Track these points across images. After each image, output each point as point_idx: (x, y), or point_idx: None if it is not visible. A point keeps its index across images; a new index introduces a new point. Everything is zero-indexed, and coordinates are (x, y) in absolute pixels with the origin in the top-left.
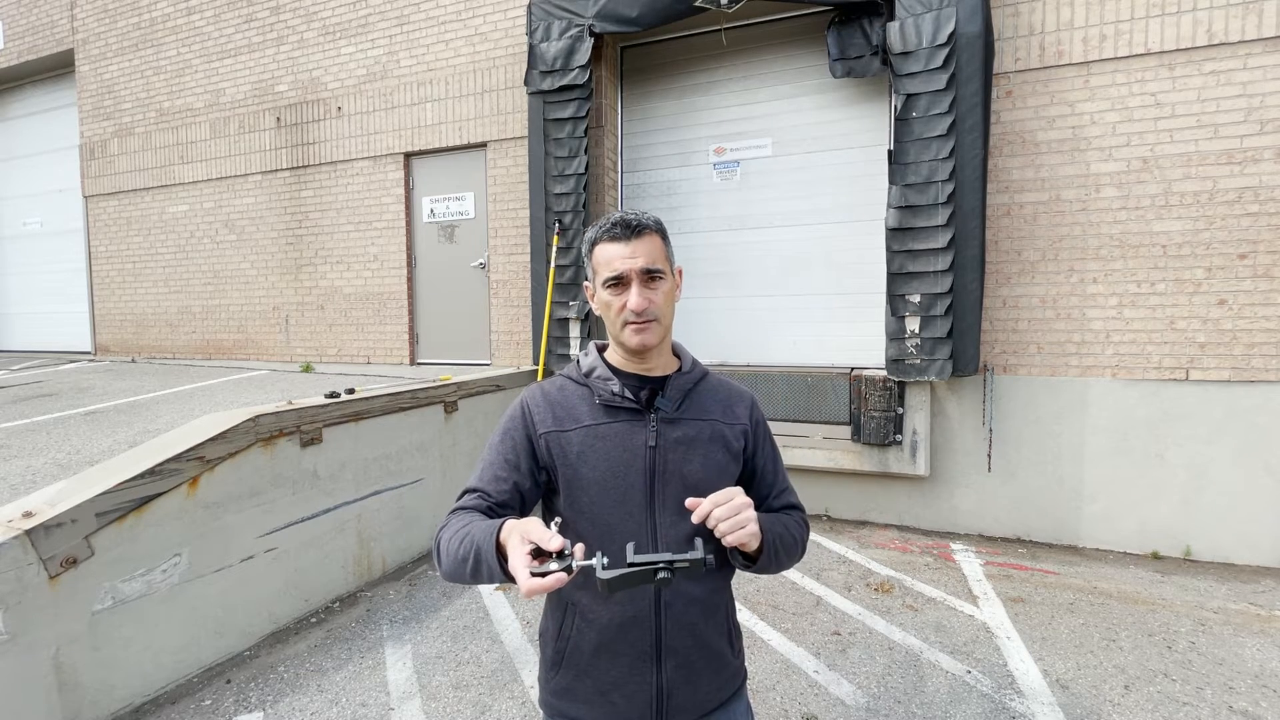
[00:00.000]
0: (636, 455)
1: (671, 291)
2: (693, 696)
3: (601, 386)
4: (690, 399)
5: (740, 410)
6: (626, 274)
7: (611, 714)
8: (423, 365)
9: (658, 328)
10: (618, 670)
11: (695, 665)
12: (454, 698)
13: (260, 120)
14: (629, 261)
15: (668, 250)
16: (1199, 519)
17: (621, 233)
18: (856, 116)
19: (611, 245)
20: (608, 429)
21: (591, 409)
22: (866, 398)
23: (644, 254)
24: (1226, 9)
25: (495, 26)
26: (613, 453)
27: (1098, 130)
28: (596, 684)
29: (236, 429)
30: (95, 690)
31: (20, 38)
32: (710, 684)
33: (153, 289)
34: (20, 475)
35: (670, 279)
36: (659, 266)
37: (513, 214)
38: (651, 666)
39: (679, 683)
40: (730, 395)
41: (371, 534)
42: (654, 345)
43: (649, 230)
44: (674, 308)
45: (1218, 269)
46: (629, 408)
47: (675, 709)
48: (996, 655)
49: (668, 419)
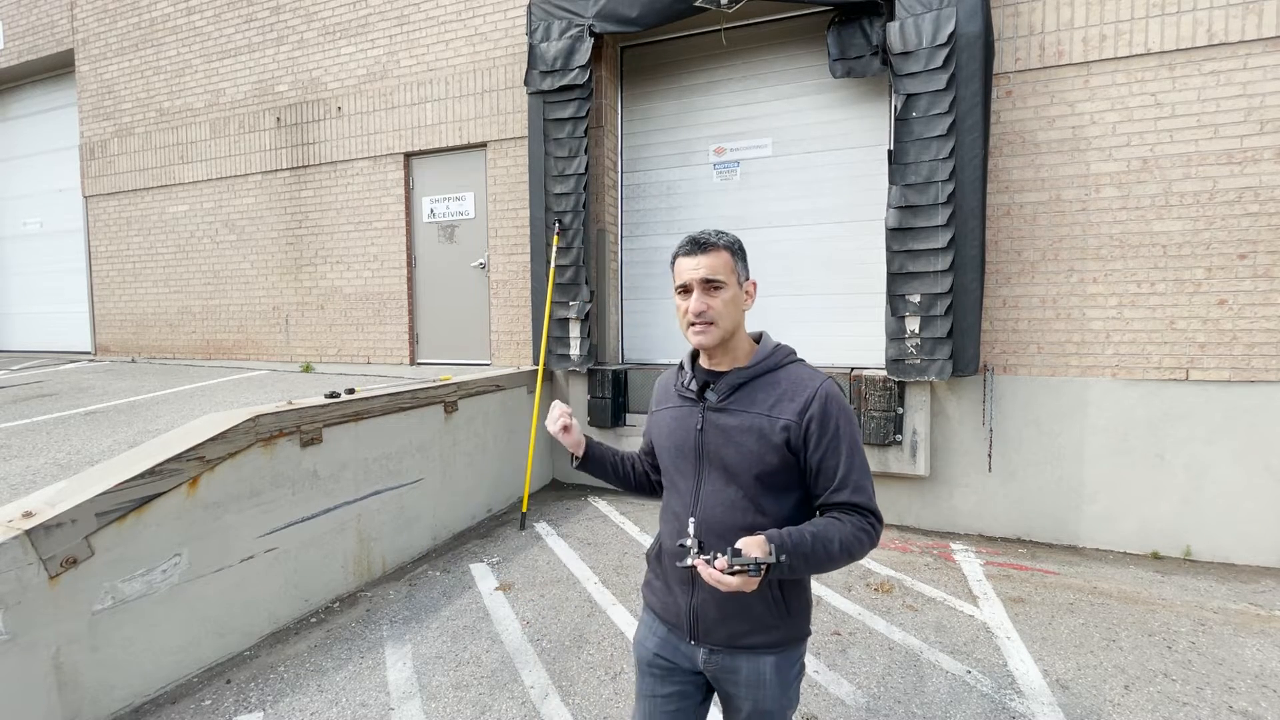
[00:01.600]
0: (689, 435)
1: (735, 299)
2: (720, 627)
3: (682, 378)
4: (741, 392)
5: (790, 406)
6: (690, 283)
7: (665, 610)
8: (423, 365)
9: (715, 330)
10: (670, 581)
11: (722, 605)
12: (454, 698)
13: (260, 120)
14: (693, 273)
15: (736, 264)
16: (1199, 519)
17: (692, 249)
18: (856, 116)
19: (683, 259)
20: (677, 411)
21: (675, 394)
22: (866, 398)
23: (706, 267)
24: (1226, 9)
25: (495, 26)
26: (676, 431)
27: (1098, 130)
28: (661, 585)
29: (236, 429)
30: (95, 690)
31: (20, 38)
32: (739, 627)
33: (153, 289)
34: (20, 475)
35: (734, 289)
36: (719, 277)
37: (513, 214)
38: (689, 590)
39: (707, 611)
40: (790, 390)
41: (371, 534)
42: (711, 346)
43: (716, 247)
44: (740, 314)
45: (1218, 269)
46: (689, 396)
47: (704, 630)
48: (996, 655)
49: (714, 408)
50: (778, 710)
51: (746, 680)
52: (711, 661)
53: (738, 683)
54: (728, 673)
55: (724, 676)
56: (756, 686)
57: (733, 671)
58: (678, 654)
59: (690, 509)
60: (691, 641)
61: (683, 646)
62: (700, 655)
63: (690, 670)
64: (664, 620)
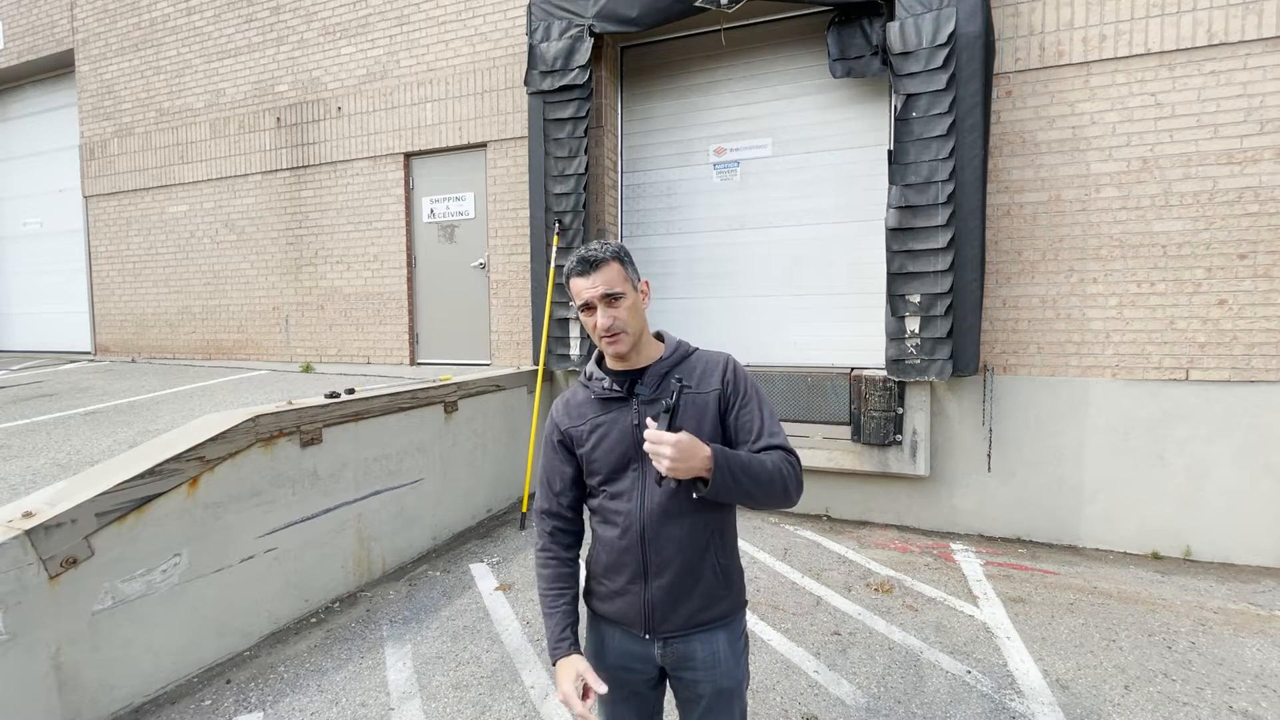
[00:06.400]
0: (626, 434)
1: (635, 304)
2: (675, 613)
3: (597, 386)
4: (666, 381)
5: (711, 379)
6: (591, 300)
7: (617, 613)
8: (423, 365)
9: (627, 337)
10: (620, 582)
11: (677, 589)
12: (454, 698)
13: (260, 120)
14: (591, 290)
15: (628, 271)
16: (1199, 519)
17: (584, 268)
18: (856, 116)
19: (578, 280)
20: (605, 418)
21: (593, 405)
22: (866, 398)
23: (603, 282)
24: (1226, 9)
25: (495, 26)
26: (611, 435)
27: (1098, 130)
28: (608, 590)
29: (236, 429)
30: (95, 690)
31: (20, 38)
32: (693, 606)
33: (153, 289)
34: (20, 475)
35: (632, 295)
36: (617, 289)
37: (513, 214)
38: (641, 584)
39: (662, 600)
40: (707, 366)
41: (371, 534)
42: (626, 352)
43: (606, 261)
44: (642, 315)
45: (1218, 269)
46: (616, 397)
47: (660, 619)
48: (996, 655)
49: (647, 400)
50: (735, 686)
51: (704, 662)
52: (668, 653)
53: (695, 667)
54: (685, 660)
55: (681, 665)
56: (713, 666)
57: (689, 658)
58: (634, 659)
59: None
60: (646, 636)
61: (638, 648)
62: (656, 650)
63: (648, 669)
64: (618, 624)
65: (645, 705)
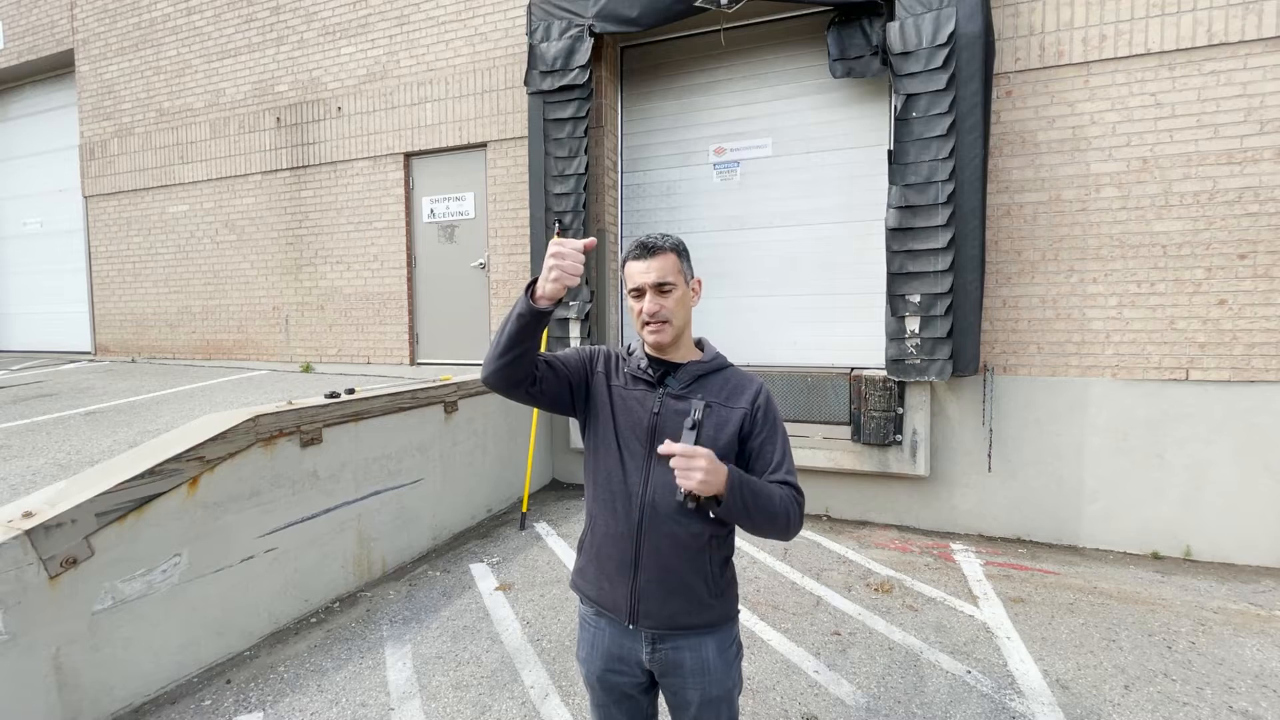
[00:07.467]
0: (644, 416)
1: (684, 298)
2: (660, 609)
3: (634, 363)
4: (699, 383)
5: (741, 397)
6: (643, 286)
7: (603, 598)
8: (423, 365)
9: (669, 329)
10: (609, 567)
11: (665, 586)
12: (454, 698)
13: (260, 120)
14: (644, 276)
15: (683, 265)
16: (1199, 519)
17: (641, 253)
18: (856, 116)
19: (634, 263)
20: (628, 392)
21: (625, 376)
22: (866, 398)
23: (656, 270)
24: (1226, 9)
25: (495, 26)
26: (635, 410)
27: (1098, 130)
28: (596, 573)
29: (236, 429)
30: (95, 690)
31: (20, 38)
32: (678, 607)
33: (153, 289)
34: (20, 475)
35: (682, 288)
36: (669, 279)
37: (513, 214)
38: (629, 573)
39: (648, 594)
40: (739, 384)
41: (371, 534)
42: (666, 343)
43: (664, 250)
44: (688, 311)
45: (1218, 269)
46: (646, 380)
47: (645, 613)
48: (996, 655)
49: (673, 395)
50: (724, 694)
51: (692, 669)
52: (656, 657)
53: (683, 674)
54: (673, 666)
55: (669, 671)
56: (701, 673)
57: (678, 665)
58: (623, 661)
59: (640, 490)
60: (630, 625)
61: (626, 640)
62: (644, 652)
63: (637, 671)
64: (602, 607)
65: (638, 710)
